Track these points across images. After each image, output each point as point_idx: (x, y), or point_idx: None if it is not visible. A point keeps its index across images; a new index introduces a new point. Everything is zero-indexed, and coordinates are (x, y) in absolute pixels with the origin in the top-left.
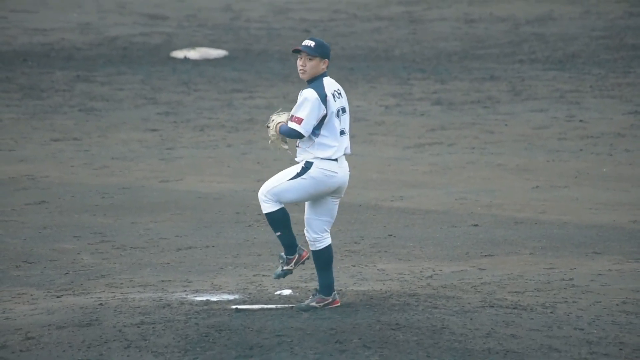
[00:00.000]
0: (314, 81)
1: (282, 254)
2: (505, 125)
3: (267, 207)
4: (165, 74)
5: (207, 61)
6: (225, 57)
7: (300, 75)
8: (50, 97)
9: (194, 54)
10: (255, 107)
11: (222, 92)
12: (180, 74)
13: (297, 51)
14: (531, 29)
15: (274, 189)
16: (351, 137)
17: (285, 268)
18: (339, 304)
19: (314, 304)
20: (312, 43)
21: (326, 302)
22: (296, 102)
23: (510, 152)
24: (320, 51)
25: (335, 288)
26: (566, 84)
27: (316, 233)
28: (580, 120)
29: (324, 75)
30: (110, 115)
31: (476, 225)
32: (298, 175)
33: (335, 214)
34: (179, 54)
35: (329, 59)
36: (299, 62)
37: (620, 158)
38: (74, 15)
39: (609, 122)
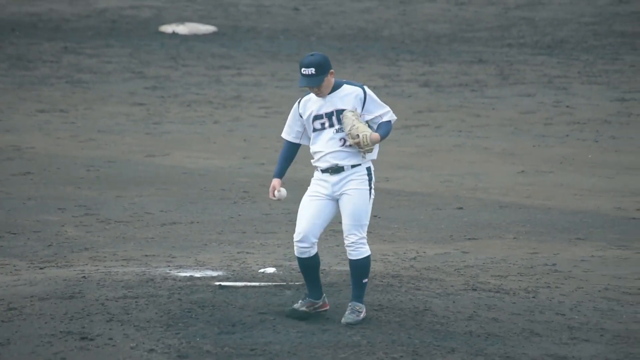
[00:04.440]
0: (344, 82)
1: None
2: (493, 109)
3: (368, 247)
4: (154, 48)
5: (195, 37)
6: (214, 33)
7: (321, 97)
8: (38, 68)
9: (182, 29)
10: (243, 84)
11: (210, 68)
12: (168, 49)
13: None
14: (521, 13)
15: (367, 224)
16: None
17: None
18: (327, 307)
19: (304, 308)
20: (311, 70)
21: (316, 305)
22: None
23: (496, 136)
24: (323, 70)
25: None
26: (554, 69)
27: (315, 238)
28: (567, 106)
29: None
30: (98, 88)
31: (461, 208)
32: (370, 189)
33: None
34: (168, 28)
35: (331, 67)
36: (313, 91)
37: (606, 145)
38: None
39: (596, 108)
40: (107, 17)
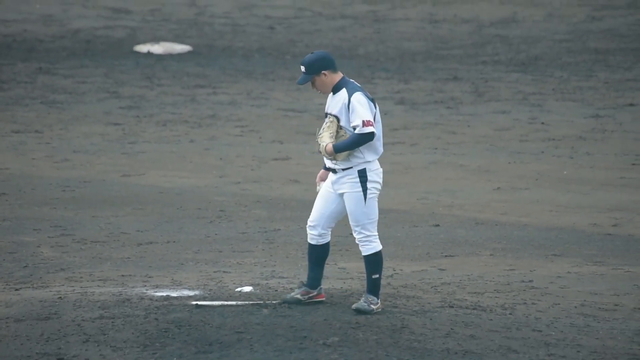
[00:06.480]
0: (346, 86)
1: (375, 299)
2: (468, 126)
3: (378, 243)
4: (129, 68)
5: (170, 56)
6: (189, 52)
7: (322, 93)
8: (12, 88)
9: (157, 48)
10: (218, 103)
11: (186, 87)
12: (143, 68)
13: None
14: (495, 31)
15: (372, 223)
16: (312, 135)
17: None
18: (323, 298)
19: (298, 296)
20: (302, 68)
21: (311, 294)
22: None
23: (472, 153)
24: (312, 70)
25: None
26: (529, 86)
27: (324, 229)
28: (542, 123)
29: (347, 80)
30: (73, 108)
31: (437, 225)
32: (365, 191)
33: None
34: (143, 48)
35: (330, 67)
36: (313, 88)
37: (581, 161)
38: (36, 6)
39: (571, 125)
40: (81, 38)
